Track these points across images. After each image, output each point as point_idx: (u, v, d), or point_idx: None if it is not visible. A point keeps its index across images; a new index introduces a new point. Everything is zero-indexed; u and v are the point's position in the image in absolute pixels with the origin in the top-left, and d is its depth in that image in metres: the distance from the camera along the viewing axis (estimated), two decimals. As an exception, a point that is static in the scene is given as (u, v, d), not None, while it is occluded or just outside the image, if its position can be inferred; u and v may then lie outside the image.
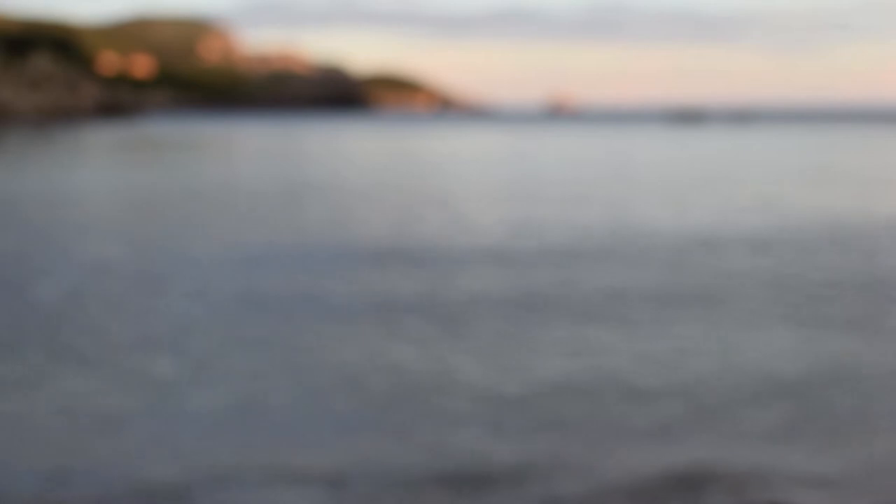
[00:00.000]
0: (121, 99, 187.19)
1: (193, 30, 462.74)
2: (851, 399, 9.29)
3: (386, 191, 33.28)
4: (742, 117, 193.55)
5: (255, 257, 18.23)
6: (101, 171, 46.19)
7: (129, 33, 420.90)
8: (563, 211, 26.77)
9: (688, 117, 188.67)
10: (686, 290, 14.91)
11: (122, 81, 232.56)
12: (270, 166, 49.61)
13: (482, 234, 20.82)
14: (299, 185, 35.96)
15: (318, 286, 15.79)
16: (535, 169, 44.58)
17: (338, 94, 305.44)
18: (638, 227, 22.02)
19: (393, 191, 33.67)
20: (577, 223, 23.40)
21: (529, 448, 7.92)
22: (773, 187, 32.79)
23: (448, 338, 11.73)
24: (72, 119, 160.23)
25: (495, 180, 38.30)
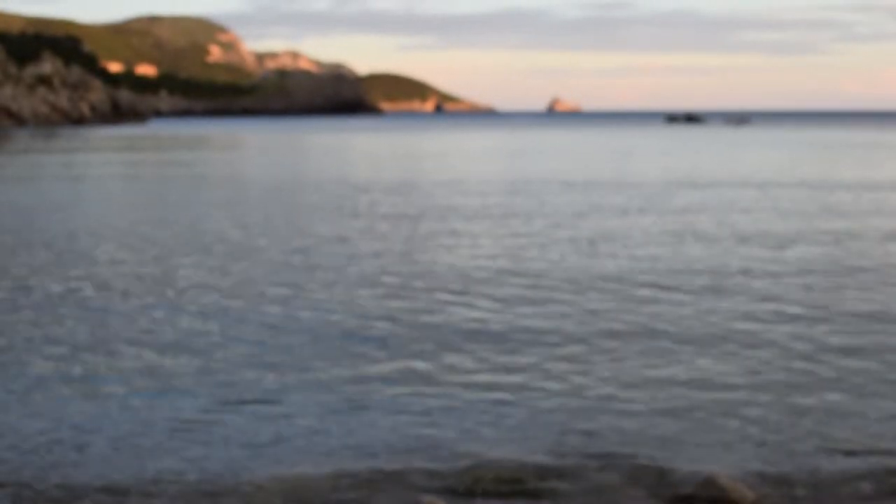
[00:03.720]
0: (128, 100, 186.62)
1: (200, 30, 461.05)
2: None
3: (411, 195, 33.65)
4: (740, 118, 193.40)
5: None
6: (111, 179, 46.31)
7: (135, 33, 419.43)
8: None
9: (686, 118, 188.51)
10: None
11: (129, 81, 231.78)
12: (296, 172, 49.58)
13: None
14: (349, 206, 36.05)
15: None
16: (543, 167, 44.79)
17: (341, 93, 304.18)
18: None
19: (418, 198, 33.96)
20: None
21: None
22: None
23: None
24: (79, 122, 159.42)
25: (505, 181, 38.61)
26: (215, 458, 8.63)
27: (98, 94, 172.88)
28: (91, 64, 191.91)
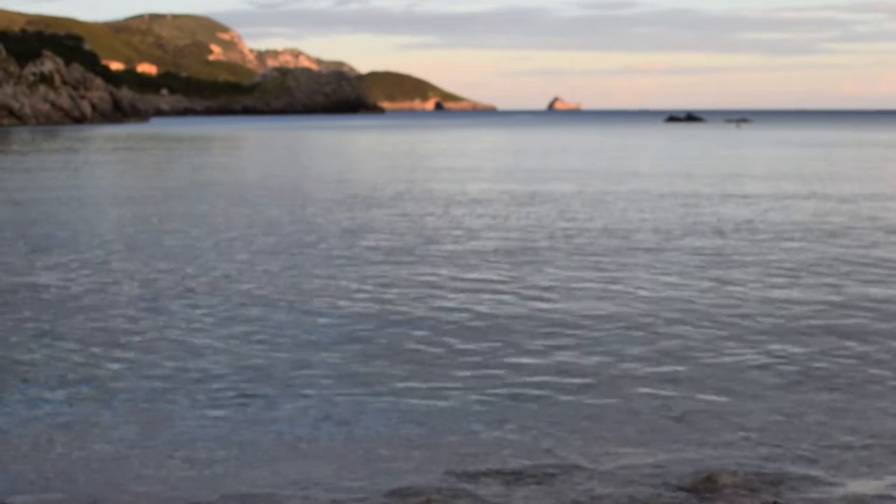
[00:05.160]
0: (129, 98, 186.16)
1: (201, 29, 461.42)
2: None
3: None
4: (740, 118, 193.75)
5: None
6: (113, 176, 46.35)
7: (136, 32, 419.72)
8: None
9: (686, 117, 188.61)
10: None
11: (130, 80, 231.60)
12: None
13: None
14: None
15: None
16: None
17: (342, 92, 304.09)
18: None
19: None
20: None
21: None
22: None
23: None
24: (80, 121, 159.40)
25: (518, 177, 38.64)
26: (215, 458, 8.65)
27: (99, 92, 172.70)
28: (92, 62, 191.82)
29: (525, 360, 11.76)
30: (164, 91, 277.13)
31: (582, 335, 12.95)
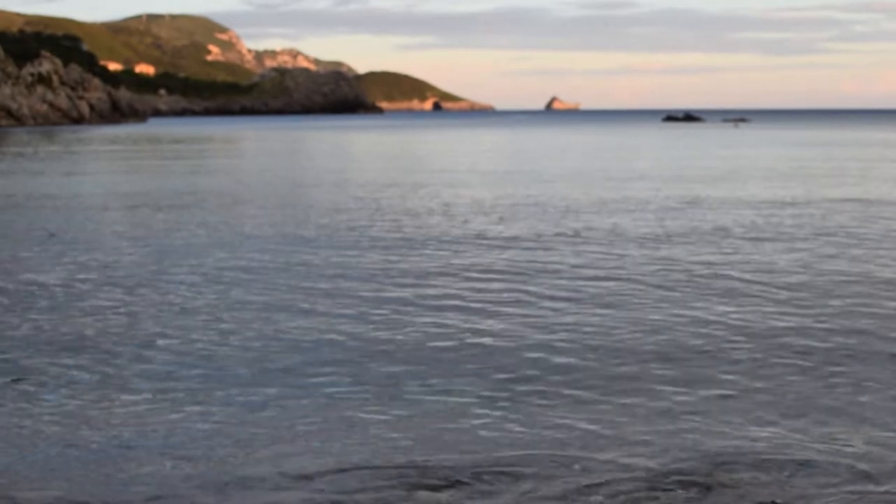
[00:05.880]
0: (127, 99, 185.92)
1: (199, 29, 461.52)
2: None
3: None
4: (739, 117, 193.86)
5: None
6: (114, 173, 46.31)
7: (134, 32, 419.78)
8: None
9: (685, 117, 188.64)
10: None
11: (128, 80, 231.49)
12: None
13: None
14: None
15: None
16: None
17: (341, 92, 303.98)
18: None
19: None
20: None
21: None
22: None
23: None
24: (78, 121, 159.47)
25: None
26: (215, 457, 8.66)
27: (97, 93, 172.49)
28: (90, 63, 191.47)
29: (525, 360, 11.78)
30: (163, 91, 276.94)
31: (582, 335, 12.96)
